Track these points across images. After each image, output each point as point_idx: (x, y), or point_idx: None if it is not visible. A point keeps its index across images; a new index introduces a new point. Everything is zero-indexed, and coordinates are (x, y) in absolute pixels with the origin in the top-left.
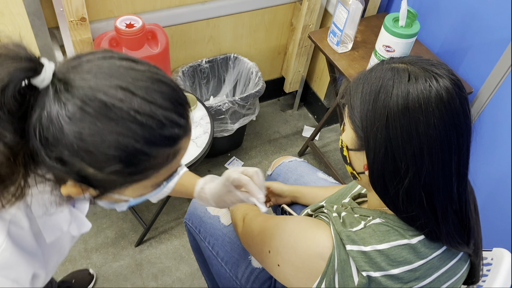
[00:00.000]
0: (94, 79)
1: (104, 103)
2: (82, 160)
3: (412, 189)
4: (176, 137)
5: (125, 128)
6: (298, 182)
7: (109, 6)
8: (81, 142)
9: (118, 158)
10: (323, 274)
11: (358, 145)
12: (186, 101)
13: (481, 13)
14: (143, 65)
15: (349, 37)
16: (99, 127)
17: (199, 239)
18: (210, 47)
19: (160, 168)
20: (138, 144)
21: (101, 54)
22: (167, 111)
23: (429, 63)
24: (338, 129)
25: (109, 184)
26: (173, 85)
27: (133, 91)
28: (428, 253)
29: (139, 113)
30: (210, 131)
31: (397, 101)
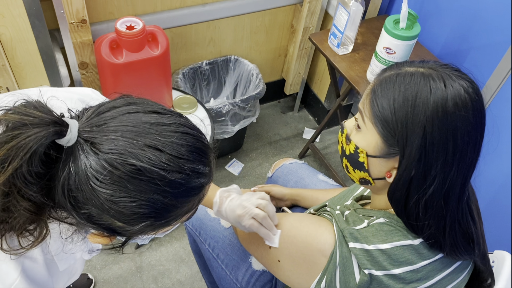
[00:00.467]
0: (122, 140)
1: (134, 166)
2: (112, 217)
3: (433, 198)
4: (201, 186)
5: (155, 187)
6: (298, 184)
7: (109, 8)
8: (112, 204)
9: (148, 215)
10: (324, 271)
11: (385, 152)
12: (209, 146)
13: (481, 15)
14: (168, 116)
15: (350, 39)
16: (130, 189)
17: (199, 241)
18: (210, 49)
19: (187, 214)
20: (167, 200)
21: (125, 108)
22: (194, 164)
23: (453, 68)
24: (338, 131)
25: (137, 233)
26: (196, 134)
27: (161, 149)
28: (430, 255)
29: (167, 171)
30: (210, 133)
31: (437, 108)
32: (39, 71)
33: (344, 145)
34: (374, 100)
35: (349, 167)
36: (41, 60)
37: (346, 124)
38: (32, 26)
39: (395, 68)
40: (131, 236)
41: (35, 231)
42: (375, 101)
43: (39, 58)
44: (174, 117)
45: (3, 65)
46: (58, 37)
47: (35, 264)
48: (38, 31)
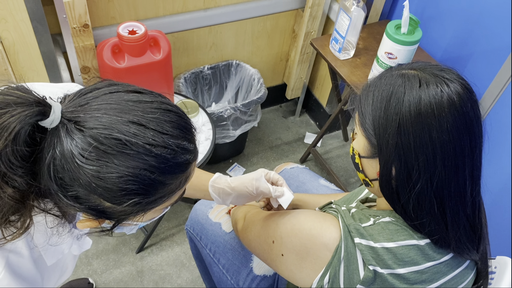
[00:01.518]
0: (106, 117)
1: (119, 140)
2: (99, 197)
3: (423, 195)
4: (187, 163)
5: (141, 161)
6: (299, 189)
7: (111, 12)
8: (99, 181)
9: (136, 192)
10: (328, 265)
11: (371, 152)
12: (192, 125)
13: (483, 20)
14: (149, 95)
15: (351, 44)
16: (117, 164)
17: (200, 246)
18: (212, 53)
19: (173, 193)
20: (154, 175)
21: (107, 88)
22: (178, 139)
23: (438, 68)
24: (340, 136)
25: (126, 215)
26: (180, 112)
27: (145, 124)
28: (435, 256)
29: (153, 145)
30: (212, 138)
31: (409, 107)
32: (41, 75)
33: (350, 148)
34: (359, 104)
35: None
36: (43, 64)
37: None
38: (35, 31)
39: (385, 71)
40: (120, 218)
41: (18, 221)
42: (360, 105)
43: (42, 62)
44: (155, 96)
45: (5, 69)
46: (60, 41)
47: (21, 259)
48: (40, 36)
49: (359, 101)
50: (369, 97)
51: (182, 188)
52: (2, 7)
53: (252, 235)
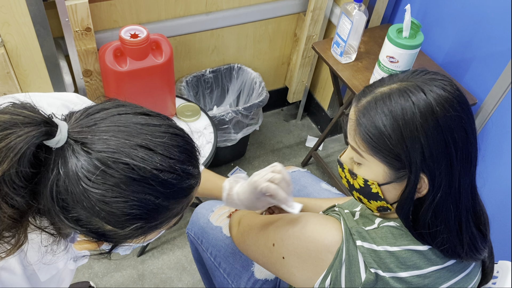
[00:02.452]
0: (114, 140)
1: (127, 165)
2: (102, 220)
3: (441, 203)
4: (191, 188)
5: (148, 187)
6: (301, 192)
7: (114, 16)
8: (104, 205)
9: (139, 217)
10: (330, 268)
11: (394, 176)
12: (197, 148)
13: (484, 24)
14: (157, 118)
15: (353, 47)
16: (123, 189)
17: (201, 249)
18: (214, 57)
19: (175, 217)
20: (158, 200)
21: (115, 109)
22: (184, 164)
23: (423, 73)
24: (341, 139)
25: (126, 238)
26: (186, 135)
27: (154, 149)
28: (438, 261)
29: (160, 170)
30: (213, 141)
31: (426, 117)
32: (43, 78)
33: (351, 180)
34: (364, 133)
35: (363, 199)
36: (45, 67)
37: (343, 159)
38: (37, 34)
39: (368, 93)
40: (120, 241)
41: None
42: (365, 134)
43: (44, 65)
44: (163, 119)
45: (8, 72)
46: (62, 45)
47: (13, 276)
48: (43, 39)
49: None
50: (376, 123)
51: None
52: (5, 10)
53: (250, 239)
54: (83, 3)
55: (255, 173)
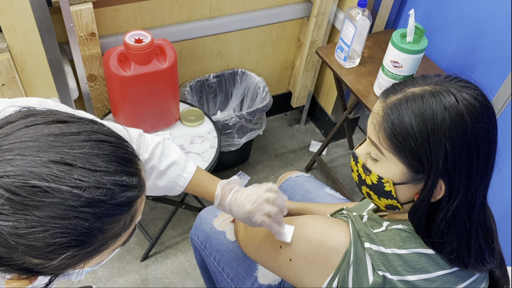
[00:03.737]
0: (19, 159)
1: (38, 188)
2: (24, 255)
3: (455, 212)
4: (130, 201)
5: (70, 209)
6: (305, 197)
7: (118, 21)
8: (19, 238)
9: (68, 244)
10: (337, 269)
11: (412, 178)
12: (133, 153)
13: (488, 29)
14: (76, 124)
15: (357, 52)
16: (38, 217)
17: (205, 254)
18: (217, 62)
19: (117, 237)
20: (88, 223)
21: (22, 121)
22: (116, 175)
23: (456, 79)
24: (345, 144)
25: (62, 269)
26: (115, 140)
27: (71, 163)
28: (446, 266)
29: (82, 188)
30: (217, 146)
31: (456, 125)
32: (48, 83)
33: (363, 175)
34: (390, 130)
35: (372, 196)
36: (50, 72)
37: (359, 153)
38: (42, 39)
39: (399, 90)
40: (56, 272)
41: None
42: (392, 131)
43: (49, 70)
44: (84, 124)
45: (13, 77)
46: (67, 50)
47: None
48: (48, 44)
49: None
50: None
51: (129, 229)
52: (10, 16)
53: (257, 242)
54: (88, 9)
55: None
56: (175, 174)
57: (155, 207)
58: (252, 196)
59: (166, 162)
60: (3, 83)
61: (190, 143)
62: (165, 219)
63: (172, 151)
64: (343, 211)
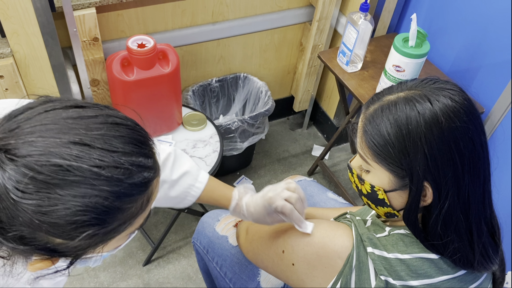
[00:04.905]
0: (41, 140)
1: (60, 166)
2: (47, 234)
3: (450, 212)
4: (147, 181)
5: (90, 188)
6: (307, 202)
7: (121, 26)
8: (43, 216)
9: (88, 223)
10: (340, 274)
11: (400, 184)
12: (148, 136)
13: (491, 33)
14: (92, 109)
15: (359, 57)
16: (61, 195)
17: (207, 259)
18: (220, 66)
19: (135, 218)
20: (108, 202)
21: (41, 107)
22: (132, 156)
23: (432, 81)
24: (348, 149)
25: (82, 249)
26: (130, 124)
27: (90, 144)
28: (450, 271)
29: (101, 167)
30: (219, 150)
31: (430, 127)
32: (51, 88)
33: (359, 185)
34: (369, 141)
35: (371, 205)
36: (53, 77)
37: (353, 164)
38: (46, 44)
39: (376, 100)
40: (77, 253)
41: None
42: (371, 142)
43: (52, 75)
44: (100, 109)
45: (16, 82)
46: (70, 54)
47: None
48: (51, 49)
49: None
50: (381, 131)
51: (146, 210)
52: (14, 21)
53: (259, 247)
54: (91, 14)
55: (269, 187)
56: (188, 184)
57: (158, 211)
58: (271, 187)
59: (178, 172)
60: (6, 88)
61: (193, 147)
62: (167, 224)
63: (184, 161)
64: (346, 215)
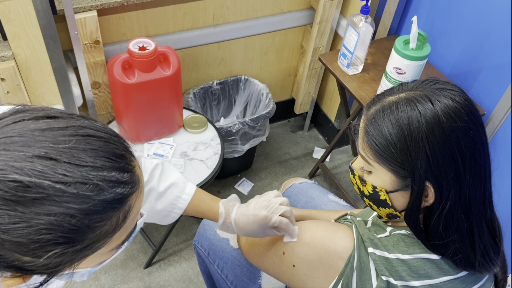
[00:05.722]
0: (3, 154)
1: (20, 182)
2: (11, 251)
3: (451, 212)
4: (121, 198)
5: (54, 205)
6: (308, 204)
7: (122, 29)
8: (3, 234)
9: (54, 241)
10: (341, 274)
11: (401, 184)
12: (126, 148)
13: (491, 36)
14: (64, 120)
15: (360, 59)
16: (21, 212)
17: (208, 262)
18: (221, 69)
19: (111, 235)
20: (75, 219)
21: (10, 117)
22: (104, 171)
23: (432, 82)
24: (349, 151)
25: (54, 268)
26: (104, 135)
27: (55, 158)
28: (451, 271)
29: (66, 183)
30: (220, 152)
31: (432, 127)
32: (52, 90)
33: (361, 187)
34: (371, 141)
35: (373, 206)
36: (55, 80)
37: (355, 166)
38: (47, 47)
39: (377, 101)
40: (47, 271)
41: None
42: (372, 142)
43: (53, 78)
44: (74, 120)
45: (17, 85)
46: (71, 57)
47: None
48: (52, 52)
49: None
50: (382, 132)
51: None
52: (15, 24)
53: (260, 248)
54: (92, 17)
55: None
56: (174, 195)
57: None
58: (262, 203)
59: (165, 184)
60: (8, 91)
61: (194, 149)
62: (168, 226)
63: (171, 173)
64: (347, 216)
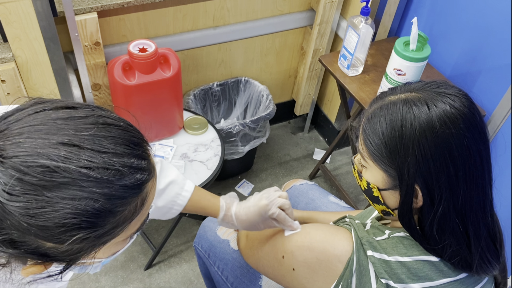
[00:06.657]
0: (29, 141)
1: (47, 167)
2: (36, 237)
3: (445, 217)
4: (140, 183)
5: (79, 189)
6: (309, 206)
7: (122, 31)
8: (30, 219)
9: (78, 226)
10: (340, 277)
11: (392, 183)
12: (142, 138)
13: (492, 37)
14: (84, 110)
15: (360, 60)
16: (48, 197)
17: (209, 263)
18: (221, 70)
19: (129, 221)
20: (98, 204)
21: (31, 108)
22: (124, 157)
23: (435, 85)
24: (349, 152)
25: (74, 254)
26: (123, 124)
27: (79, 144)
28: (451, 273)
29: (90, 168)
30: (220, 154)
31: (425, 131)
32: (52, 92)
33: (358, 181)
34: (366, 138)
35: (369, 202)
36: (55, 81)
37: (355, 160)
38: (48, 49)
39: (379, 100)
40: (69, 258)
41: None
42: (367, 139)
43: (53, 79)
44: (92, 110)
45: (18, 86)
46: (72, 59)
47: None
48: (53, 54)
49: (366, 138)
50: (376, 130)
51: (141, 214)
52: (16, 26)
53: (260, 252)
54: (92, 18)
55: (259, 195)
56: (174, 192)
57: None
58: (264, 195)
59: (164, 181)
60: (8, 92)
61: (194, 151)
62: (168, 228)
63: (170, 171)
64: (346, 219)
